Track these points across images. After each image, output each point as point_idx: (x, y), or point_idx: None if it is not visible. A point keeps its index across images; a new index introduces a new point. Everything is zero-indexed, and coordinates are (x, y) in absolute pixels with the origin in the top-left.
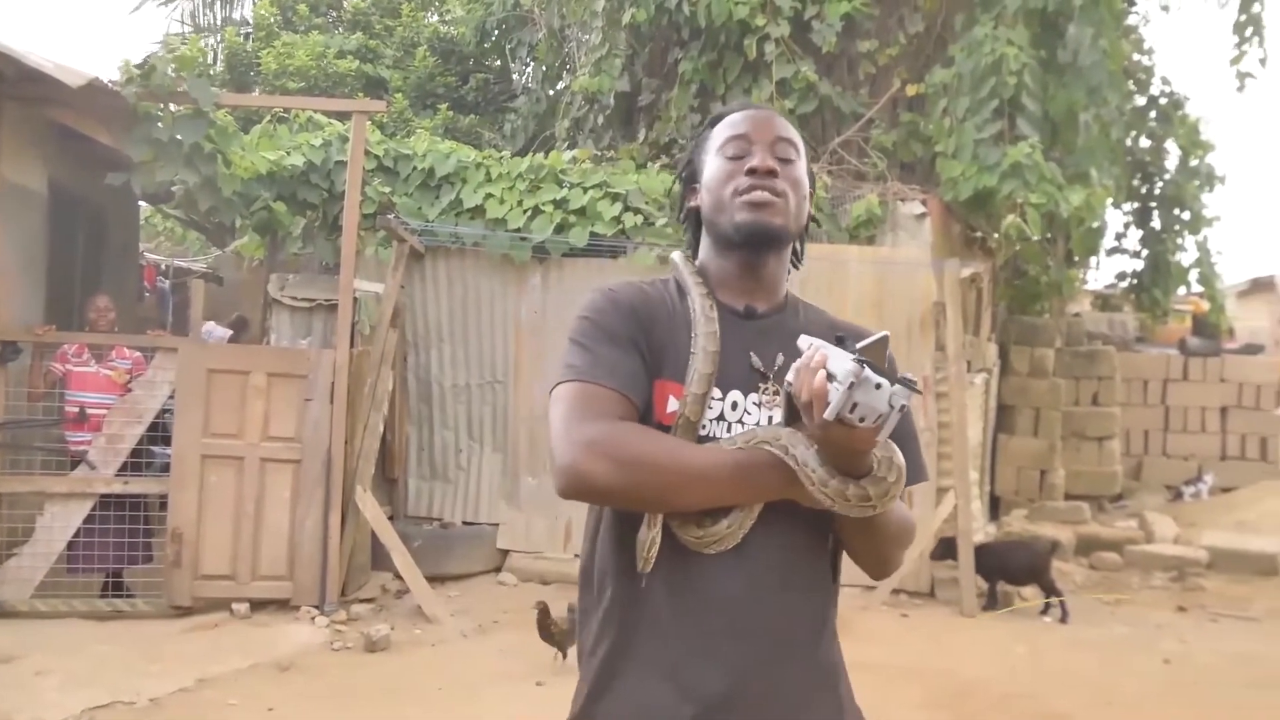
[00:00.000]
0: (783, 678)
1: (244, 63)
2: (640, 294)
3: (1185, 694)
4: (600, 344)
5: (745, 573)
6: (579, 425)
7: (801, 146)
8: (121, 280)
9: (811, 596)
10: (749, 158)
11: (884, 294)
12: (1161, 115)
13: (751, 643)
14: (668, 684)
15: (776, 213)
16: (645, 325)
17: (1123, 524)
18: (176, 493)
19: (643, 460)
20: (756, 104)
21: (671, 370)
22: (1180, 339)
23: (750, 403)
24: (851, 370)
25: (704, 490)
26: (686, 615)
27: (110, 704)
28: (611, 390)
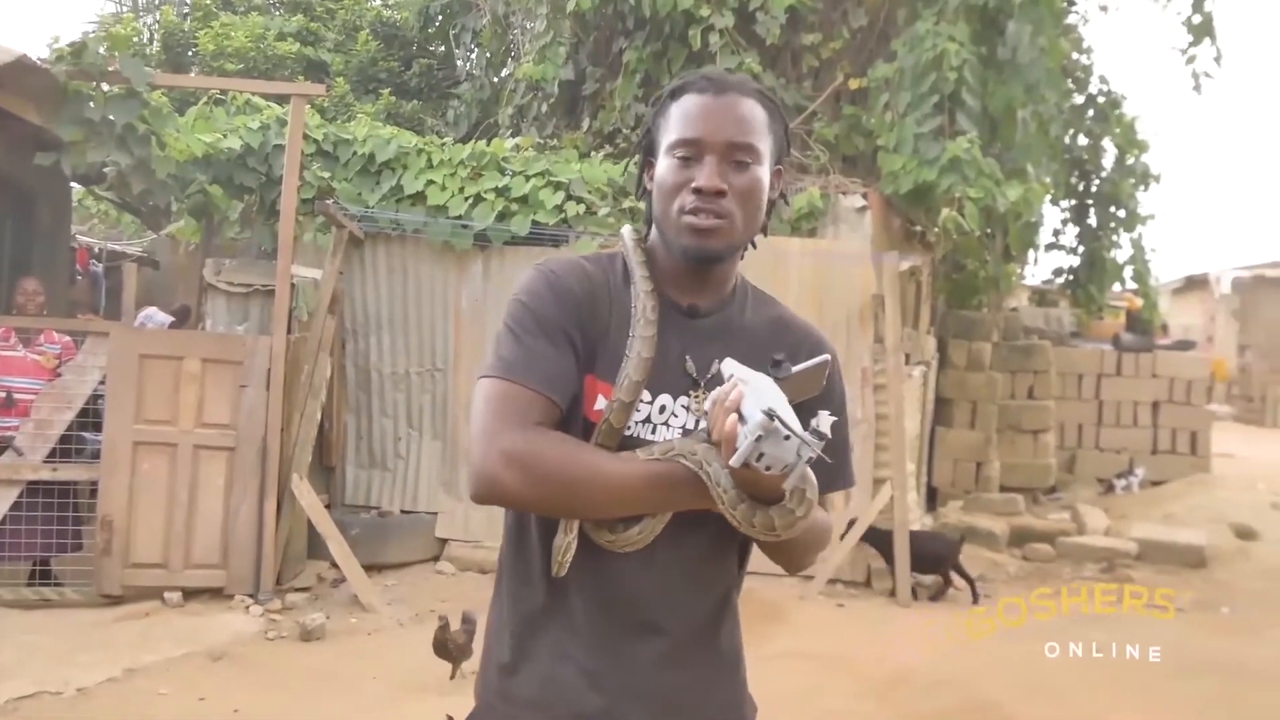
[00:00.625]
0: (687, 670)
1: (181, 43)
2: (582, 277)
3: (1113, 682)
4: (532, 335)
5: (653, 573)
6: (498, 432)
7: (766, 135)
8: (52, 263)
9: (715, 589)
10: (697, 168)
11: (824, 286)
12: (1099, 114)
13: (658, 639)
14: (578, 673)
15: (719, 237)
16: (583, 316)
17: (1055, 516)
18: (107, 480)
19: (558, 475)
20: (718, 80)
21: (604, 367)
22: (1114, 335)
23: (679, 405)
24: (760, 422)
25: (618, 504)
26: (596, 612)
27: (36, 694)
28: (535, 393)
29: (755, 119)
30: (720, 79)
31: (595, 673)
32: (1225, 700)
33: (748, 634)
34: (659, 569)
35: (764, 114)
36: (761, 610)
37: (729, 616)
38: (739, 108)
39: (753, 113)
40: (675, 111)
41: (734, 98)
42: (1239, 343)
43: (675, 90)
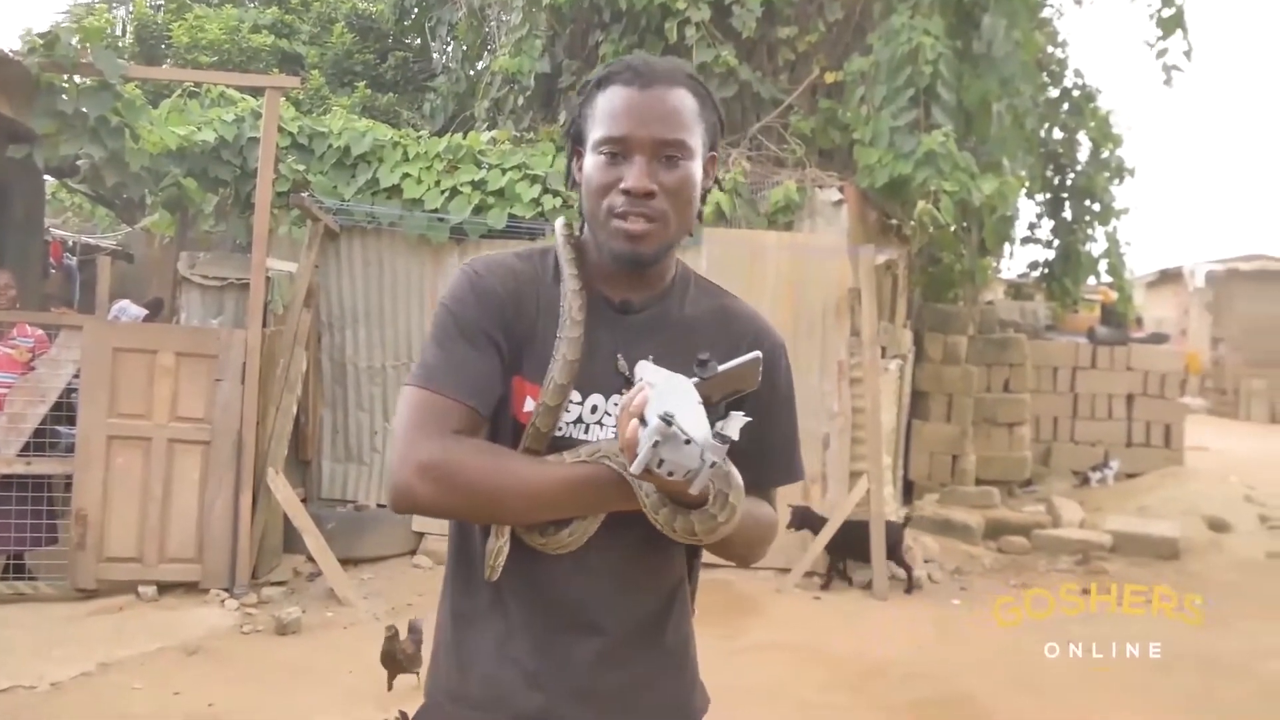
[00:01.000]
0: (627, 668)
1: (154, 35)
2: (507, 276)
3: (1087, 674)
4: (455, 341)
5: (586, 574)
6: (416, 443)
7: (697, 126)
8: (25, 256)
9: (654, 587)
10: (625, 167)
11: (801, 279)
12: (1074, 107)
13: (595, 638)
14: (518, 673)
15: (652, 241)
16: (507, 317)
17: (1031, 509)
18: (81, 474)
19: (474, 485)
20: (644, 70)
21: (531, 369)
22: (1089, 328)
23: (611, 405)
24: (655, 428)
25: (541, 511)
26: (532, 613)
27: (10, 688)
28: (454, 401)
29: (685, 110)
30: (647, 69)
31: (535, 673)
32: (1199, 692)
33: (724, 626)
34: (592, 570)
35: (694, 103)
36: (737, 603)
37: (674, 612)
38: (667, 100)
39: (682, 104)
40: (602, 104)
41: (661, 90)
42: (1212, 336)
43: (601, 80)
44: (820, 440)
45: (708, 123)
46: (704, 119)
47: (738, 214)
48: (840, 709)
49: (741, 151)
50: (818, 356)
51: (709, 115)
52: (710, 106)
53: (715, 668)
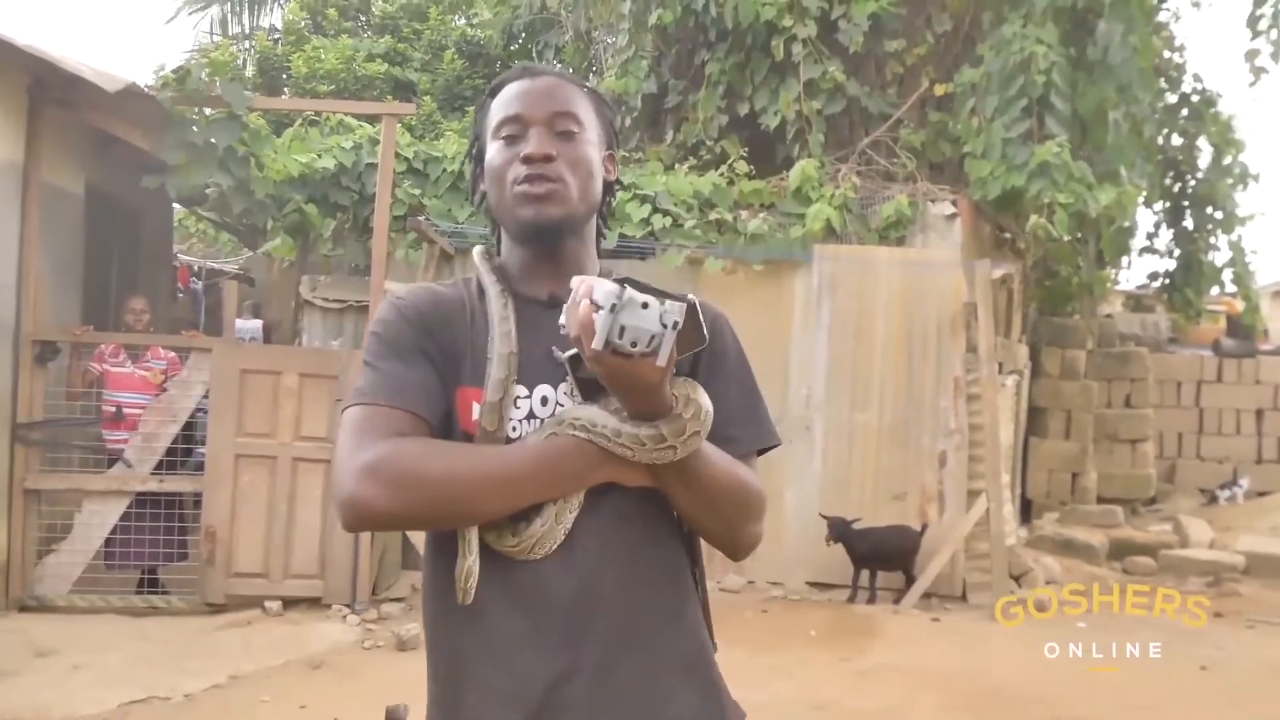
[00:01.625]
0: (628, 674)
1: (275, 67)
2: (430, 297)
3: (1222, 700)
4: (386, 360)
5: (577, 572)
6: (356, 450)
7: (588, 111)
8: (156, 281)
9: (659, 586)
10: (524, 142)
11: (914, 295)
12: (1193, 113)
13: (591, 643)
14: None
15: (556, 202)
16: (435, 330)
17: (1156, 528)
18: (211, 491)
19: (427, 477)
20: (533, 68)
21: (471, 376)
22: (1214, 340)
23: (561, 394)
24: (612, 291)
25: (505, 493)
26: (521, 624)
27: (146, 699)
28: (396, 409)
29: (575, 96)
30: (536, 67)
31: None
32: None
33: (843, 648)
34: (583, 568)
35: (586, 97)
36: (855, 624)
37: (684, 620)
38: (556, 86)
39: (572, 92)
40: (495, 104)
41: (552, 79)
42: None
43: (493, 89)
44: (937, 458)
45: (603, 120)
46: (599, 115)
47: (848, 230)
48: None
49: (851, 166)
50: (933, 373)
51: (604, 114)
52: (604, 109)
53: (837, 689)
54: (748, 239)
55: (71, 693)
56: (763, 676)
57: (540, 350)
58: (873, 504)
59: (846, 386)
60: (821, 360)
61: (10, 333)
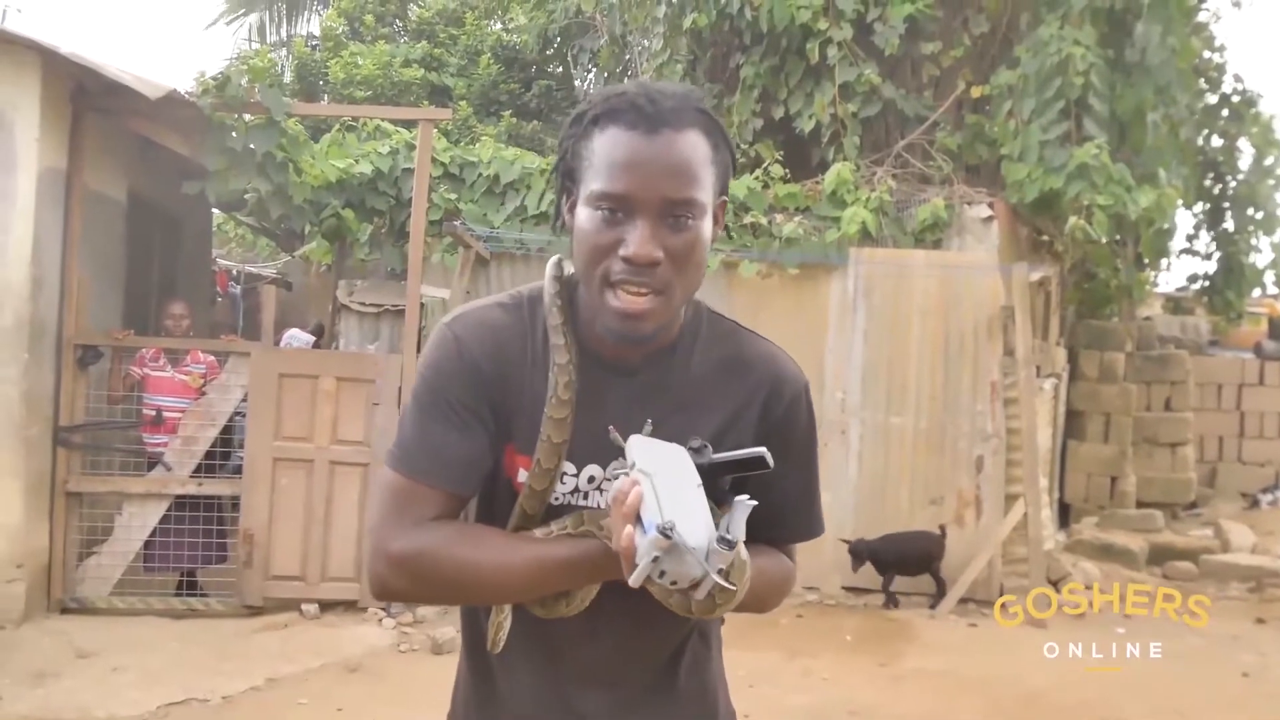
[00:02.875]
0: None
1: (312, 73)
2: (492, 342)
3: (1264, 707)
4: (434, 420)
5: (594, 633)
6: (390, 534)
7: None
8: (195, 286)
9: (665, 641)
10: (627, 228)
11: (951, 298)
12: (1234, 113)
13: (606, 691)
14: None
15: (654, 318)
16: (491, 387)
17: (1197, 533)
18: (249, 494)
19: (456, 579)
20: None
21: (522, 439)
22: (1256, 342)
23: (610, 472)
24: (653, 542)
25: (531, 593)
26: (540, 676)
27: (185, 701)
28: (434, 490)
29: (695, 160)
30: (654, 108)
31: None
32: None
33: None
34: (600, 635)
35: (706, 147)
36: (891, 629)
37: (688, 656)
38: (676, 150)
39: (693, 152)
40: (600, 148)
41: (670, 136)
42: None
43: (599, 117)
44: (974, 463)
45: (720, 165)
46: (716, 162)
47: (884, 233)
48: None
49: (887, 169)
50: (969, 377)
51: (722, 157)
52: (724, 145)
53: (874, 695)
54: (783, 243)
55: (112, 694)
56: (799, 681)
57: (598, 426)
58: (909, 508)
59: (882, 390)
60: (857, 364)
61: (53, 336)
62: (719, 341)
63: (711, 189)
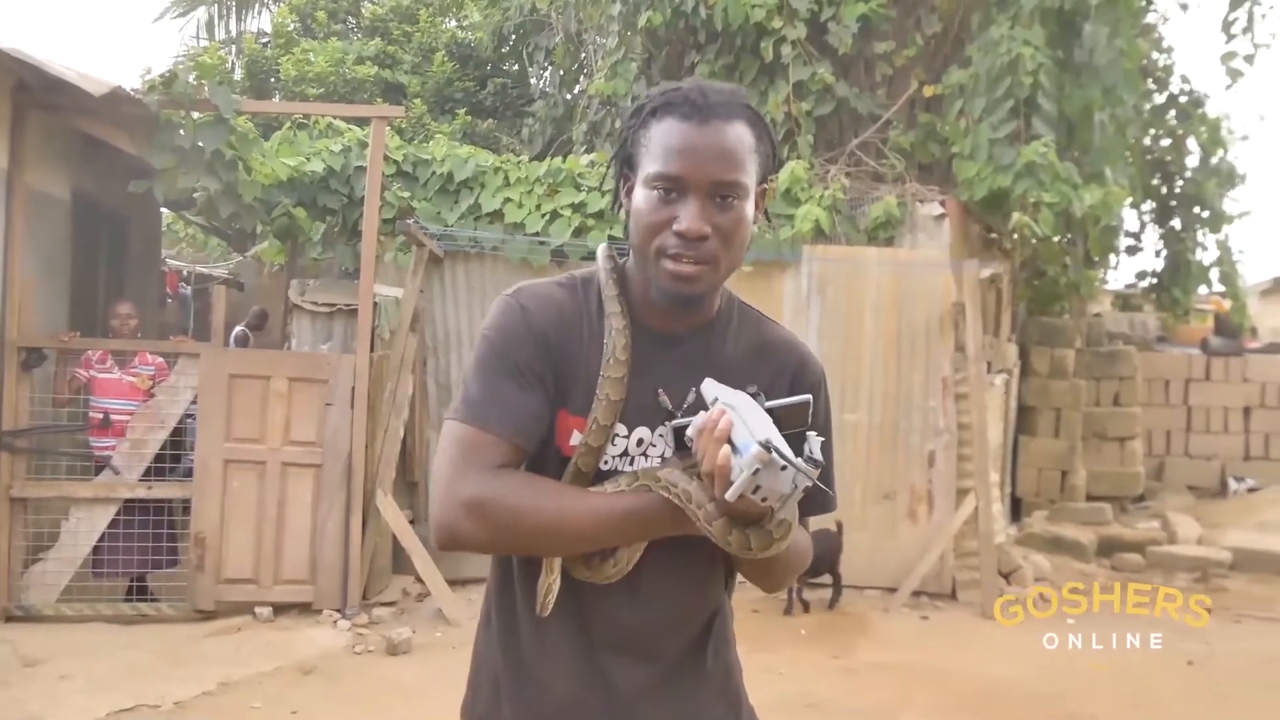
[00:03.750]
0: (674, 694)
1: (263, 70)
2: (555, 311)
3: (1208, 694)
4: (500, 377)
5: (636, 599)
6: (460, 479)
7: (752, 158)
8: (144, 287)
9: (703, 611)
10: (680, 206)
11: (903, 295)
12: (1181, 114)
13: (643, 665)
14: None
15: (702, 283)
16: (554, 352)
17: (1145, 525)
18: (199, 497)
19: (520, 522)
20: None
21: (576, 403)
22: (1202, 339)
23: (657, 437)
24: (757, 454)
25: (589, 543)
26: (582, 645)
27: (135, 707)
28: (498, 438)
29: (742, 147)
30: (705, 101)
31: (581, 707)
32: None
33: (833, 645)
34: (645, 597)
35: (751, 137)
36: (845, 623)
37: (714, 637)
38: (725, 138)
39: (740, 141)
40: (656, 136)
41: (719, 126)
42: None
43: (657, 109)
44: (926, 458)
45: (762, 155)
46: (759, 152)
47: (838, 231)
48: None
49: (840, 168)
50: (921, 373)
51: (764, 147)
52: (766, 137)
53: (830, 688)
54: None
55: (60, 702)
56: (756, 676)
57: (648, 391)
58: (862, 504)
59: (835, 386)
60: None
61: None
62: (749, 326)
63: (754, 175)
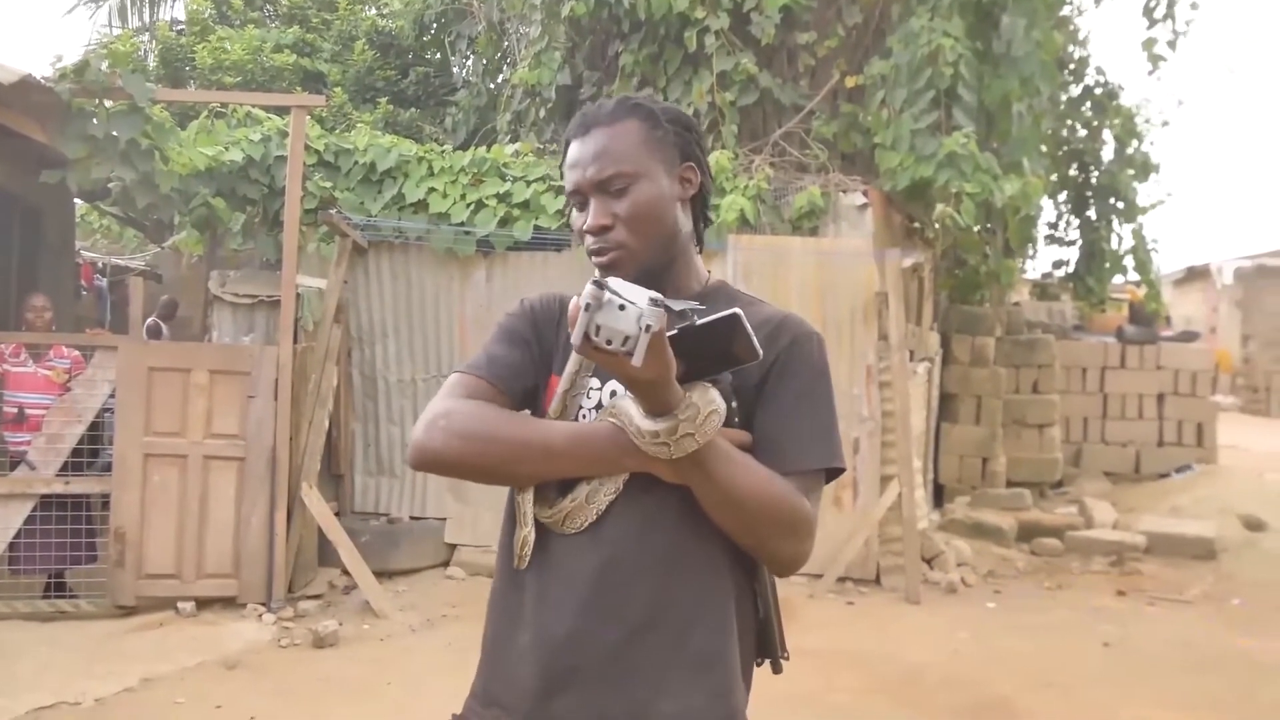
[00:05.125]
0: (638, 659)
1: (179, 58)
2: (555, 300)
3: (1124, 677)
4: (495, 344)
5: (601, 551)
6: (436, 404)
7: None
8: (58, 279)
9: (691, 583)
10: (587, 210)
11: (827, 284)
12: (1096, 105)
13: (605, 621)
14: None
15: (622, 265)
16: (543, 325)
17: (1063, 510)
18: (119, 492)
19: (479, 432)
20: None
21: (560, 366)
22: (1118, 327)
23: None
24: (588, 292)
25: (541, 462)
26: (546, 594)
27: (55, 705)
28: (480, 379)
29: (625, 142)
30: (590, 116)
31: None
32: (1237, 694)
33: None
34: (607, 547)
35: (642, 130)
36: None
37: (710, 618)
38: (603, 140)
39: (623, 137)
40: (565, 164)
41: (599, 133)
42: (1242, 333)
43: (566, 140)
44: (850, 444)
45: (664, 140)
46: (656, 139)
47: (762, 220)
48: (877, 715)
49: (764, 158)
50: (846, 361)
51: (663, 134)
52: (665, 126)
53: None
54: None
55: None
56: None
57: None
58: None
59: None
60: None
61: None
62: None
63: (653, 159)
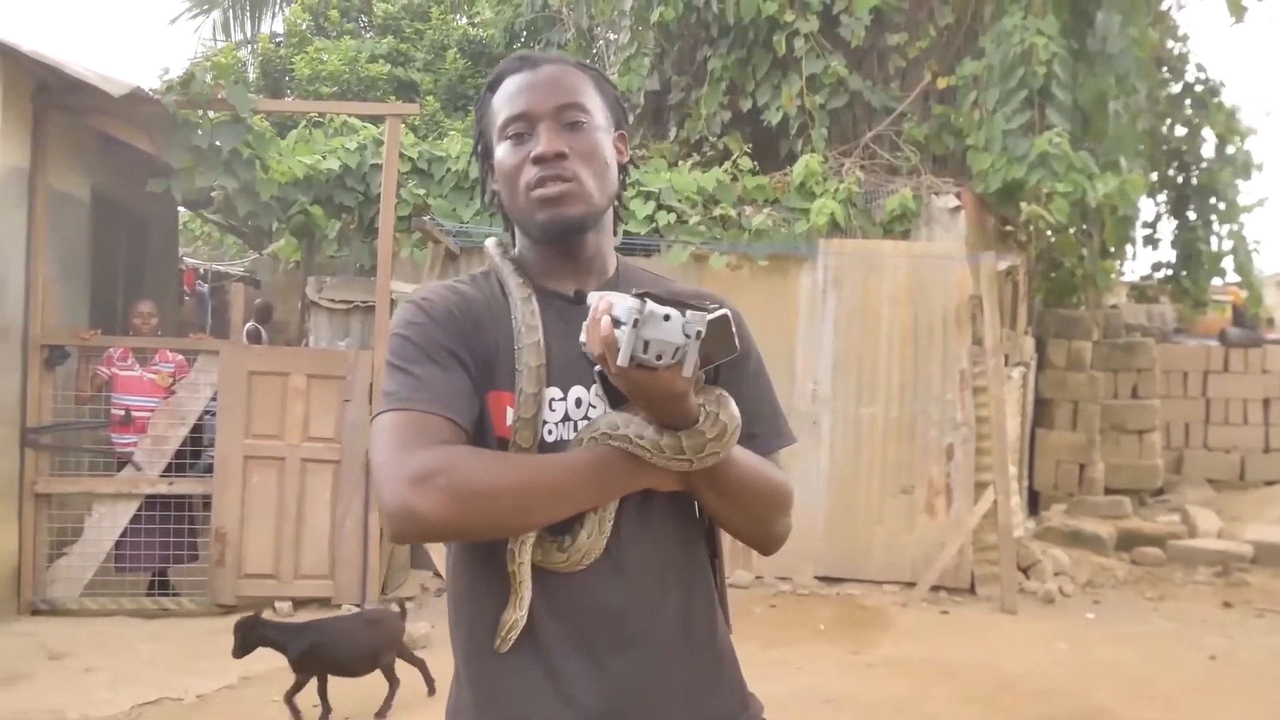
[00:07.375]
0: (675, 679)
1: (278, 69)
2: (457, 297)
3: (1230, 690)
4: (417, 363)
5: (623, 581)
6: (403, 459)
7: (593, 95)
8: (162, 285)
9: (694, 589)
10: (533, 140)
11: (919, 288)
12: (1197, 103)
13: (639, 650)
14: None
15: (573, 201)
16: (466, 334)
17: (1164, 518)
18: (220, 493)
19: (486, 489)
20: (532, 57)
21: (504, 379)
22: (1220, 330)
23: (594, 395)
24: (633, 307)
25: (560, 505)
26: (567, 631)
27: (158, 700)
28: (434, 415)
29: (579, 83)
30: (533, 56)
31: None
32: None
33: (851, 641)
34: (627, 575)
35: (590, 80)
36: (863, 617)
37: (705, 614)
38: (558, 74)
39: (576, 78)
40: (498, 99)
41: (550, 68)
42: None
43: (492, 82)
44: (944, 451)
45: (608, 100)
46: (603, 95)
47: (853, 224)
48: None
49: (855, 161)
50: (939, 366)
51: (608, 94)
52: (607, 88)
53: (848, 683)
54: (752, 234)
55: (84, 695)
56: (774, 670)
57: (572, 349)
58: (880, 498)
59: (853, 380)
60: (827, 355)
61: (19, 337)
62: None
63: (603, 113)
